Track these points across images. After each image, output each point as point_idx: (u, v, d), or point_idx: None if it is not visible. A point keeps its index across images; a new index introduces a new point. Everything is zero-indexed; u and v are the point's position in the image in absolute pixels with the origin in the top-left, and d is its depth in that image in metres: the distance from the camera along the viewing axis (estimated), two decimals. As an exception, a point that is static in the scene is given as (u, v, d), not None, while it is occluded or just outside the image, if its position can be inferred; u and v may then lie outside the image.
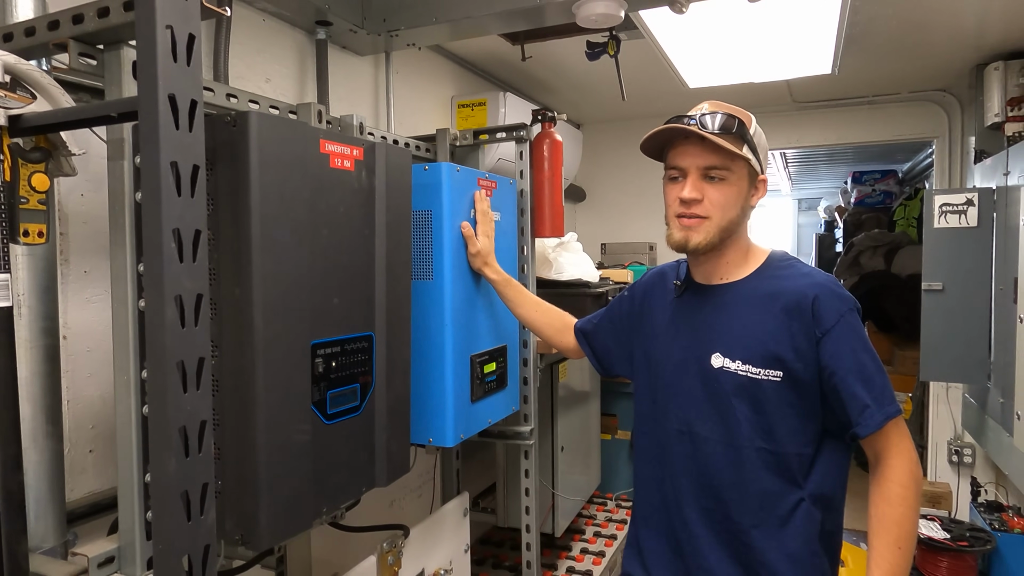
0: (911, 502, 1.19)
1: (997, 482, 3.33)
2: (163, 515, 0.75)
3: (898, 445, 1.21)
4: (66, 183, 1.34)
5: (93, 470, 1.41)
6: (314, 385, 1.15)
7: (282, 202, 1.07)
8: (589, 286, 2.51)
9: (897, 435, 1.21)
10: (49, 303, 1.07)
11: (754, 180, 1.28)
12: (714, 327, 1.30)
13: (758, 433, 1.23)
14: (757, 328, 1.24)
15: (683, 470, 1.31)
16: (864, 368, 1.19)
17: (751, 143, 1.25)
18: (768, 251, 1.35)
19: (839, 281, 1.26)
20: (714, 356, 1.27)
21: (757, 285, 1.28)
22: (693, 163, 1.25)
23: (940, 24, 2.59)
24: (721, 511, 1.27)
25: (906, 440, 1.21)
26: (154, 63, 0.73)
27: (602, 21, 1.85)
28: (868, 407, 1.18)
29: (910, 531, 1.18)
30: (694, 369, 1.30)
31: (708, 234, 1.25)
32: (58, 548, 1.08)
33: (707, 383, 1.28)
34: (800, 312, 1.21)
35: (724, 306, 1.30)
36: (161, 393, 0.74)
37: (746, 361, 1.24)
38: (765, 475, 1.23)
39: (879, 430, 1.18)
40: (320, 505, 1.19)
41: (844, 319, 1.21)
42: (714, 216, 1.25)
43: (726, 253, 1.31)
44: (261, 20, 1.88)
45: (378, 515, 2.29)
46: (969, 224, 2.88)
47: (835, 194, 7.53)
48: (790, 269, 1.29)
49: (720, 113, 1.23)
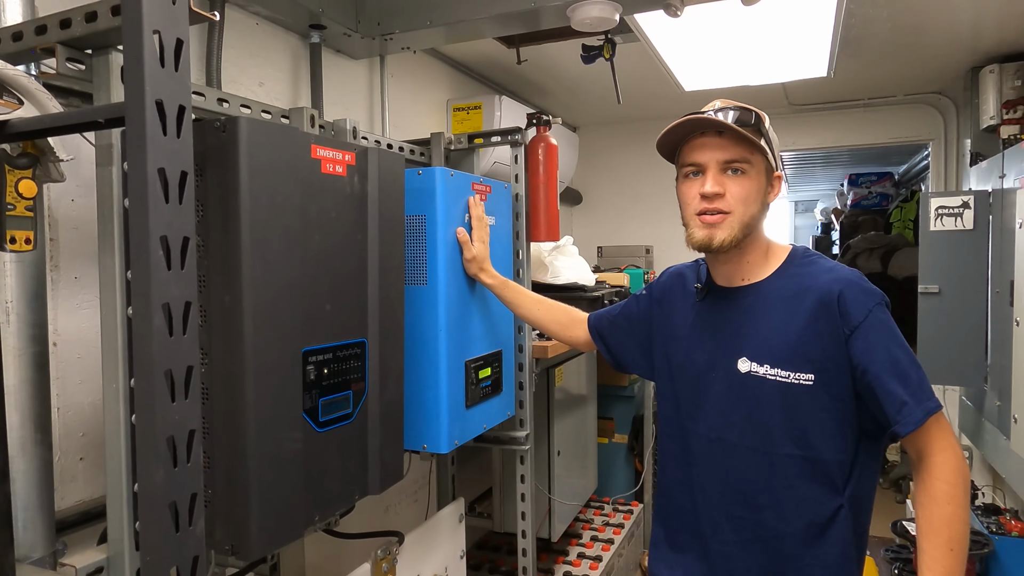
0: (960, 500, 1.13)
1: (994, 485, 3.32)
2: (151, 526, 0.74)
3: (941, 441, 1.15)
4: (56, 189, 1.33)
5: (83, 478, 1.40)
6: (305, 392, 1.14)
7: (272, 208, 1.06)
8: (585, 290, 2.50)
9: (939, 431, 1.16)
10: (38, 310, 1.06)
11: (770, 176, 1.26)
12: (739, 331, 1.26)
13: (790, 438, 1.20)
14: (784, 330, 1.21)
15: (712, 476, 1.28)
16: (898, 363, 1.15)
17: (767, 138, 1.24)
18: (789, 248, 1.32)
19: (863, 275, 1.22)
20: (741, 361, 1.24)
21: (781, 285, 1.25)
22: (712, 157, 1.22)
23: (935, 27, 2.59)
24: (753, 518, 1.24)
25: (949, 436, 1.16)
26: (141, 68, 0.72)
27: (597, 24, 1.84)
28: (906, 404, 1.13)
29: (962, 532, 1.12)
30: (720, 374, 1.27)
31: (732, 230, 1.21)
32: (47, 558, 1.07)
33: (734, 388, 1.25)
34: (827, 310, 1.18)
35: (749, 308, 1.27)
36: (148, 402, 0.73)
37: (775, 365, 1.20)
38: (801, 482, 1.20)
39: (920, 427, 1.13)
40: (312, 513, 1.18)
41: (872, 314, 1.17)
42: (736, 211, 1.21)
43: (747, 252, 1.28)
44: (254, 24, 1.87)
45: (373, 521, 2.28)
46: (965, 227, 2.88)
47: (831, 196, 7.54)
48: (813, 266, 1.26)
49: (737, 107, 1.22)
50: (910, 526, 2.99)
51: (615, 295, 2.71)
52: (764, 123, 1.24)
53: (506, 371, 1.87)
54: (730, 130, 1.20)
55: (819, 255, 1.30)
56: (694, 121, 1.22)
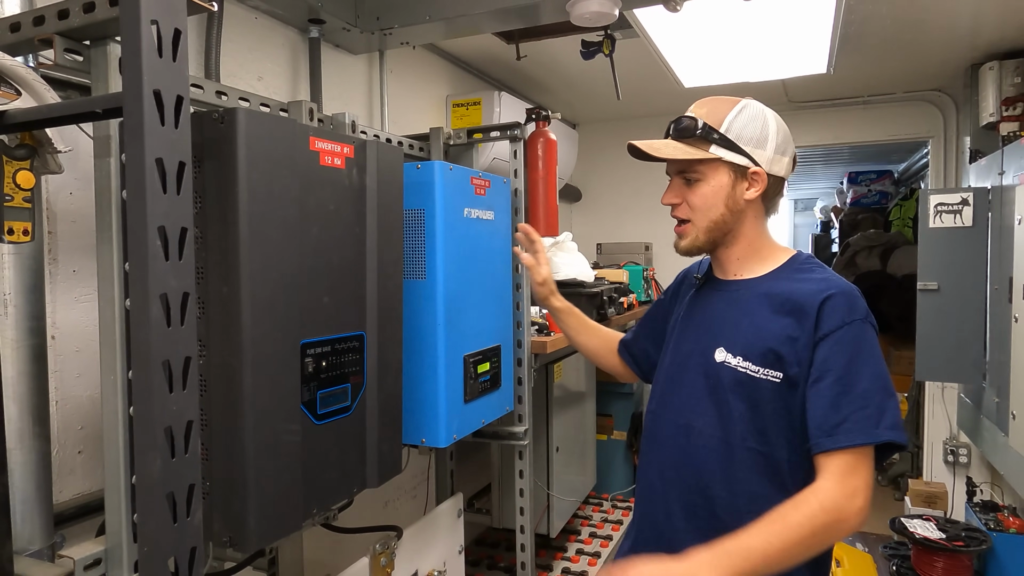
0: (816, 528, 1.06)
1: (993, 482, 3.33)
2: (148, 517, 0.74)
3: (849, 478, 1.08)
4: (55, 181, 1.33)
5: (82, 471, 1.40)
6: (304, 385, 1.14)
7: (270, 199, 1.06)
8: (584, 286, 2.50)
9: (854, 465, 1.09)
10: (36, 302, 1.06)
11: (743, 174, 1.24)
12: (722, 321, 1.28)
13: (751, 433, 1.21)
14: (762, 326, 1.22)
15: (674, 462, 1.30)
16: (855, 383, 1.11)
17: (725, 140, 1.22)
18: (792, 252, 1.32)
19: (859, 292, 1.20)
20: (718, 350, 1.25)
21: (772, 285, 1.26)
22: (671, 168, 1.27)
23: (935, 23, 2.59)
24: (707, 508, 1.25)
25: (859, 481, 1.08)
26: (139, 58, 0.72)
27: (596, 19, 1.84)
28: (844, 422, 1.09)
29: (794, 540, 1.06)
30: (698, 361, 1.29)
31: (694, 237, 1.26)
32: (45, 550, 1.07)
33: (708, 377, 1.26)
34: (806, 314, 1.17)
35: (735, 302, 1.28)
36: (146, 393, 0.73)
37: (747, 358, 1.21)
38: (755, 477, 1.20)
39: (835, 452, 1.09)
40: (310, 506, 1.18)
41: (850, 327, 1.14)
42: (694, 218, 1.25)
43: (733, 250, 1.29)
44: (253, 18, 1.87)
45: (372, 515, 2.28)
46: (964, 224, 2.88)
47: (831, 194, 7.54)
48: (810, 273, 1.25)
49: (686, 116, 1.24)
50: (908, 523, 2.99)
51: (614, 291, 2.71)
52: (719, 126, 1.22)
53: (505, 366, 1.87)
54: (671, 144, 1.22)
55: (820, 264, 1.29)
56: (633, 145, 1.25)
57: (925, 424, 3.65)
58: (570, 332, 1.69)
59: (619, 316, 2.73)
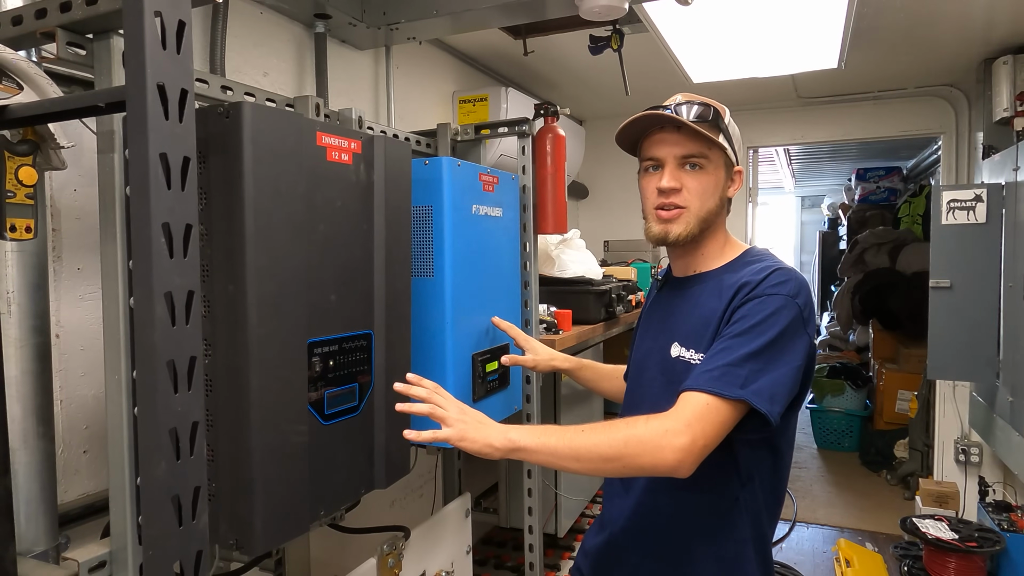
0: (629, 440, 1.05)
1: (1005, 481, 3.29)
2: (153, 520, 0.72)
3: (689, 416, 1.06)
4: (59, 178, 1.32)
5: (87, 471, 1.39)
6: (311, 385, 1.12)
7: (277, 195, 1.04)
8: (592, 283, 2.47)
9: (701, 410, 1.06)
10: (40, 301, 1.04)
11: (730, 171, 1.27)
12: (676, 317, 1.28)
13: None
14: (710, 316, 1.20)
15: None
16: (745, 345, 1.08)
17: (727, 133, 1.24)
18: (746, 247, 1.31)
19: (806, 280, 1.19)
20: (673, 345, 1.25)
21: (723, 276, 1.24)
22: (670, 152, 1.22)
23: (948, 17, 2.55)
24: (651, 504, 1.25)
25: (699, 423, 1.05)
26: (142, 51, 0.70)
27: (605, 14, 1.82)
28: (713, 371, 1.08)
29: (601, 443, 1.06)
30: (656, 360, 1.29)
31: (688, 225, 1.23)
32: (50, 552, 1.06)
33: (666, 373, 1.25)
34: (732, 294, 1.16)
35: (689, 296, 1.28)
36: (151, 394, 0.71)
37: (699, 350, 1.19)
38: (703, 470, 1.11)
39: (691, 391, 1.08)
40: (317, 508, 1.16)
41: (771, 298, 1.12)
42: (692, 206, 1.22)
43: (703, 245, 1.28)
44: (259, 13, 1.85)
45: (379, 515, 2.27)
46: (977, 220, 2.85)
47: (839, 191, 7.50)
48: (759, 262, 1.23)
49: (695, 102, 1.22)
50: (919, 523, 2.97)
51: (622, 289, 2.69)
52: (724, 118, 1.24)
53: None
54: (687, 126, 1.20)
55: (773, 256, 1.26)
56: (650, 116, 1.22)
57: (936, 423, 3.61)
58: (590, 385, 1.69)
59: (627, 314, 2.71)
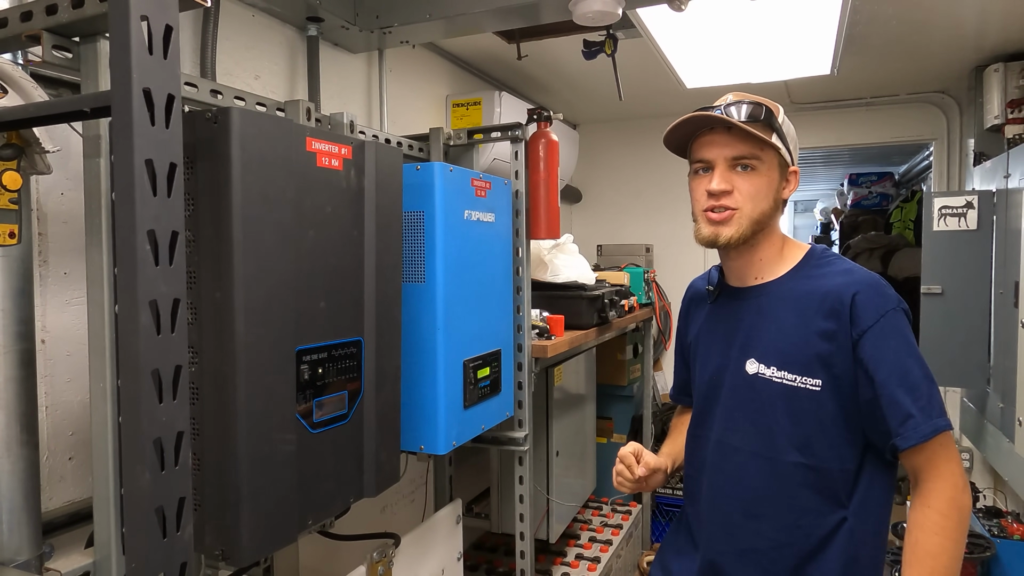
0: (951, 532, 1.07)
1: (996, 488, 3.30)
2: (136, 531, 0.71)
3: (942, 465, 1.09)
4: (45, 182, 1.30)
5: (72, 478, 1.37)
6: (299, 393, 1.11)
7: (265, 202, 1.03)
8: (585, 288, 2.47)
9: (943, 454, 1.10)
10: (24, 306, 1.03)
11: (785, 172, 1.22)
12: (749, 331, 1.23)
13: (794, 445, 1.15)
14: (794, 332, 1.16)
15: (715, 482, 1.25)
16: (909, 373, 1.09)
17: (780, 132, 1.20)
18: (807, 247, 1.27)
19: (884, 280, 1.17)
20: (749, 362, 1.20)
21: (794, 285, 1.21)
22: (720, 154, 1.18)
23: (940, 25, 2.57)
24: (752, 528, 1.19)
25: (952, 462, 1.10)
26: (128, 55, 0.69)
27: (599, 19, 1.81)
28: (912, 417, 1.08)
29: (947, 565, 1.06)
30: (728, 376, 1.24)
31: (740, 227, 1.18)
32: (32, 561, 1.04)
33: (742, 391, 1.21)
34: (839, 313, 1.13)
35: (759, 309, 1.23)
36: (134, 403, 0.70)
37: (782, 367, 1.16)
38: (803, 492, 1.15)
39: (922, 443, 1.08)
40: (305, 517, 1.15)
41: (886, 318, 1.11)
42: (745, 207, 1.18)
43: (759, 250, 1.24)
44: (250, 15, 1.84)
45: (370, 521, 2.25)
46: (969, 227, 2.86)
47: (831, 196, 7.52)
48: (830, 267, 1.21)
49: (747, 102, 1.19)
50: (911, 528, 2.97)
51: (615, 294, 2.68)
52: (777, 117, 1.20)
53: (505, 371, 1.84)
54: (738, 126, 1.16)
55: (838, 256, 1.25)
56: (701, 118, 1.19)
57: (927, 428, 3.61)
58: None
59: (620, 319, 2.71)
